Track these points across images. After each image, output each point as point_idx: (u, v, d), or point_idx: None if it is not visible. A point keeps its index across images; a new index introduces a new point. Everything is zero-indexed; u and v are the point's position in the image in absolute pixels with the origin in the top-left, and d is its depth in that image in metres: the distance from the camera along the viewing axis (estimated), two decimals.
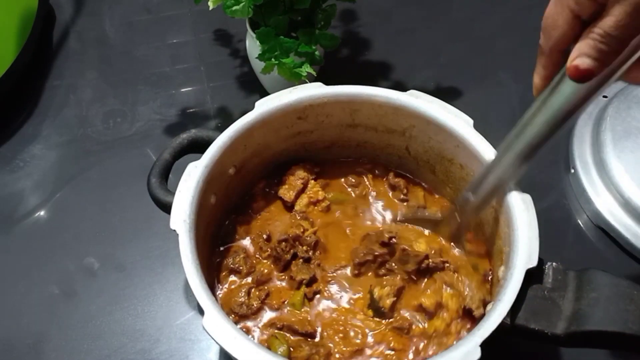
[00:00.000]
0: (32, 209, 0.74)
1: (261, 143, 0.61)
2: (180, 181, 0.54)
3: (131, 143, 0.79)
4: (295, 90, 0.60)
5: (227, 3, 0.66)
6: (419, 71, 0.85)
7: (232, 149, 0.58)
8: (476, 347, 0.44)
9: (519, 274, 0.48)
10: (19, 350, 0.64)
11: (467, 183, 0.60)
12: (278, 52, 0.69)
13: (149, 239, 0.70)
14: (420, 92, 0.59)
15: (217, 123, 0.80)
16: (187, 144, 0.59)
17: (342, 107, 0.61)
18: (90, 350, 0.63)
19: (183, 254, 0.50)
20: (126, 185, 0.74)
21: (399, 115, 0.60)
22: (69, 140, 0.80)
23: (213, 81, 0.85)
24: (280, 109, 0.59)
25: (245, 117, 0.58)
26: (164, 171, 0.57)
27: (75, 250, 0.70)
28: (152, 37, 0.91)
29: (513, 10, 0.92)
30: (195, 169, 0.55)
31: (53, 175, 0.77)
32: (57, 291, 0.67)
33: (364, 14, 0.91)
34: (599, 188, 0.71)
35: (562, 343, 0.48)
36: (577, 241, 0.70)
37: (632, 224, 0.68)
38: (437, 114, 0.58)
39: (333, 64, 0.83)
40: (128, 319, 0.65)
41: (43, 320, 0.65)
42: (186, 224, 0.52)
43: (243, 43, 0.84)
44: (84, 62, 0.89)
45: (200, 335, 0.64)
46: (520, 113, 0.49)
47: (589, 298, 0.47)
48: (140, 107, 0.83)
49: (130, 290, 0.67)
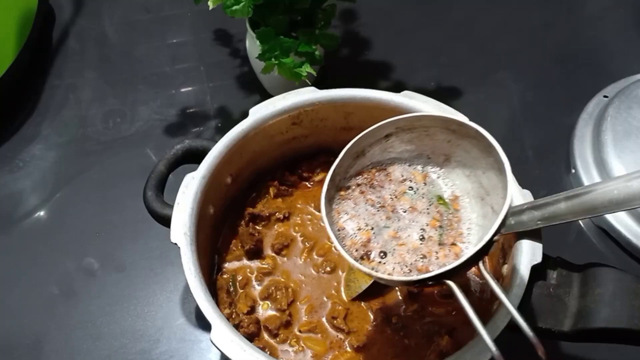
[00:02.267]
0: (31, 209, 0.74)
1: (257, 150, 0.61)
2: (178, 193, 0.54)
3: (131, 143, 0.79)
4: (289, 95, 0.59)
5: (227, 3, 0.66)
6: (419, 71, 0.85)
7: (228, 158, 0.57)
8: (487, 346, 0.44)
9: (524, 271, 0.48)
10: (19, 350, 0.64)
11: None
12: (278, 52, 0.69)
13: (149, 239, 0.69)
14: (414, 92, 0.59)
15: (217, 123, 0.80)
16: (182, 155, 0.58)
17: (336, 110, 0.61)
18: (90, 350, 0.63)
19: (186, 267, 0.50)
20: (126, 185, 0.74)
21: (394, 116, 0.60)
22: (68, 140, 0.80)
23: (213, 81, 0.85)
24: (275, 115, 0.59)
25: (239, 125, 0.58)
26: (160, 183, 0.57)
27: (75, 250, 0.70)
28: (152, 37, 0.90)
29: (513, 10, 0.92)
30: (193, 180, 0.55)
31: (53, 175, 0.77)
32: (57, 291, 0.67)
33: (364, 14, 0.91)
34: None
35: (568, 339, 0.48)
36: (578, 241, 0.70)
37: (633, 224, 0.68)
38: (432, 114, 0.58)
39: (333, 64, 0.83)
40: (128, 320, 0.65)
41: (43, 321, 0.65)
42: (187, 236, 0.51)
43: (243, 43, 0.84)
44: (84, 62, 0.88)
45: (200, 336, 0.64)
46: (520, 113, 0.49)
47: (594, 294, 0.47)
48: (140, 107, 0.83)
49: (130, 290, 0.67)
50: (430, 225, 0.49)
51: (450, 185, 0.51)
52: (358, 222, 0.49)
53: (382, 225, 0.49)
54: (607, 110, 0.73)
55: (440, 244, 0.48)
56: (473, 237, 0.48)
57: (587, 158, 0.73)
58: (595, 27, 0.90)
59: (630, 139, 0.71)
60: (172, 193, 0.55)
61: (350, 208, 0.50)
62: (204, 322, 0.49)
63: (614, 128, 0.72)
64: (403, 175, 0.52)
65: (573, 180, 0.73)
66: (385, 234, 0.49)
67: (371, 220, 0.49)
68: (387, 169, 0.52)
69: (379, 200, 0.50)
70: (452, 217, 0.50)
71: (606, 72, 0.83)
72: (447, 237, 0.49)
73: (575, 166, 0.73)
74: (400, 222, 0.49)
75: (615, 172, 0.69)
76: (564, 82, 0.84)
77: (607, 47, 0.88)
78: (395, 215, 0.50)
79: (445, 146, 0.50)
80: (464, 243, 0.48)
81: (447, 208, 0.51)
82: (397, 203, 0.51)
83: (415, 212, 0.50)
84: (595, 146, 0.72)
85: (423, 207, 0.50)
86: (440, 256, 0.47)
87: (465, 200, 0.51)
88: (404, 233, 0.48)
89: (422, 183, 0.52)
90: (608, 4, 0.94)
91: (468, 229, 0.49)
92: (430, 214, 0.50)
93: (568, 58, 0.87)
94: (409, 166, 0.52)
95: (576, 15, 0.92)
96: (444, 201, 0.51)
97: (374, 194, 0.51)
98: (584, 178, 0.72)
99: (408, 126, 0.50)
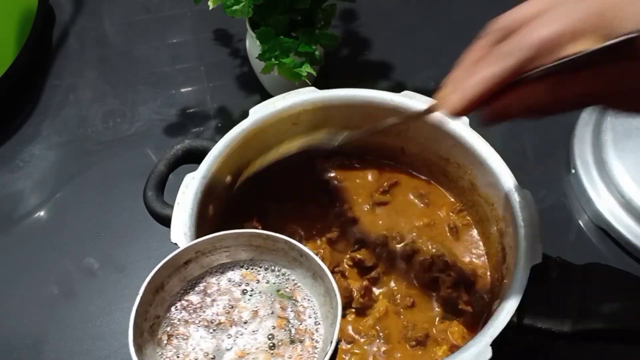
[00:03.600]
0: (31, 209, 0.74)
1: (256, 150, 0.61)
2: (178, 193, 0.54)
3: (131, 143, 0.79)
4: (288, 95, 0.59)
5: (227, 3, 0.66)
6: (419, 71, 0.84)
7: (228, 158, 0.57)
8: (487, 346, 0.44)
9: (524, 271, 0.48)
10: (18, 350, 0.64)
11: (465, 182, 0.60)
12: (278, 52, 0.69)
13: (149, 239, 0.69)
14: (414, 92, 0.59)
15: (217, 123, 0.80)
16: (182, 155, 0.58)
17: (336, 110, 0.61)
18: (90, 350, 0.63)
19: None
20: (126, 185, 0.74)
21: (393, 116, 0.60)
22: (68, 140, 0.80)
23: (213, 81, 0.85)
24: (275, 115, 0.59)
25: (240, 125, 0.58)
26: (160, 183, 0.57)
27: (75, 250, 0.70)
28: (152, 37, 0.90)
29: None
30: (193, 180, 0.55)
31: (53, 175, 0.77)
32: (57, 291, 0.67)
33: (364, 14, 0.91)
34: (600, 188, 0.70)
35: (568, 339, 0.48)
36: (578, 241, 0.70)
37: (633, 225, 0.67)
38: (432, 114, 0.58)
39: (333, 63, 0.83)
40: (128, 319, 0.65)
41: (43, 321, 0.65)
42: (187, 236, 0.51)
43: (243, 43, 0.84)
44: (84, 62, 0.88)
45: None
46: None
47: (594, 294, 0.47)
48: (140, 107, 0.83)
49: (130, 290, 0.67)
50: (277, 327, 0.44)
51: (285, 277, 0.46)
52: (195, 356, 0.42)
53: (225, 347, 0.43)
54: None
55: (292, 343, 0.43)
56: (320, 331, 0.44)
57: (587, 158, 0.73)
58: None
59: (630, 139, 0.71)
60: (172, 193, 0.55)
61: (179, 346, 0.43)
62: None
63: (614, 128, 0.72)
64: (231, 280, 0.46)
65: (573, 181, 0.73)
66: (230, 356, 0.42)
67: (210, 347, 0.43)
68: (206, 285, 0.46)
69: (213, 319, 0.44)
70: (297, 308, 0.45)
71: None
72: (297, 331, 0.44)
73: (575, 166, 0.73)
74: (245, 336, 0.43)
75: (615, 172, 0.69)
76: None
77: None
78: (236, 328, 0.44)
79: (248, 262, 0.46)
80: (315, 334, 0.44)
81: (289, 299, 0.45)
82: (234, 314, 0.44)
83: (257, 318, 0.44)
84: (595, 146, 0.72)
85: (265, 308, 0.44)
86: (295, 357, 0.42)
87: (305, 292, 0.45)
88: (251, 347, 0.43)
89: (254, 282, 0.46)
90: None
91: (316, 321, 0.44)
92: (274, 313, 0.44)
93: None
94: (232, 271, 0.46)
95: None
96: (285, 293, 0.46)
97: (204, 314, 0.44)
98: (584, 178, 0.72)
99: (209, 249, 0.45)
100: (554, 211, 0.72)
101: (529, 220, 0.51)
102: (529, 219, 0.51)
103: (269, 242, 0.44)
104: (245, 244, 0.45)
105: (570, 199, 0.73)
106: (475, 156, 0.56)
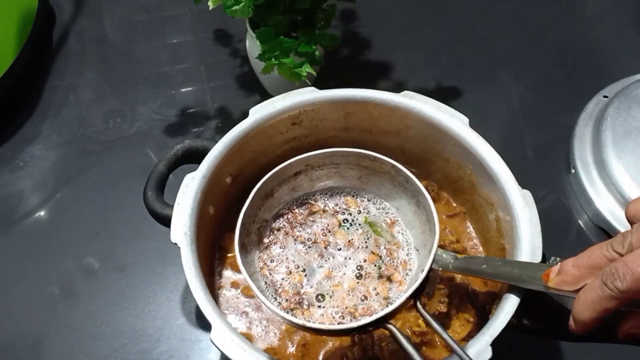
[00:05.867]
0: (32, 209, 0.74)
1: (256, 150, 0.61)
2: (178, 193, 0.54)
3: (131, 143, 0.79)
4: (288, 96, 0.59)
5: (227, 3, 0.66)
6: (419, 71, 0.85)
7: (228, 158, 0.57)
8: (487, 346, 0.45)
9: None
10: (19, 350, 0.64)
11: (465, 182, 0.60)
12: (278, 52, 0.69)
13: (149, 239, 0.70)
14: (414, 92, 0.59)
15: (217, 123, 0.80)
16: (182, 155, 0.58)
17: (336, 110, 0.61)
18: (90, 350, 0.63)
19: (186, 267, 0.50)
20: (126, 185, 0.74)
21: (394, 116, 0.60)
22: (69, 140, 0.80)
23: (213, 81, 0.85)
24: (275, 115, 0.59)
25: (239, 125, 0.58)
26: (160, 183, 0.57)
27: (75, 250, 0.70)
28: (152, 37, 0.90)
29: (513, 10, 0.92)
30: (193, 180, 0.55)
31: (53, 175, 0.77)
32: (57, 291, 0.67)
33: (364, 14, 0.91)
34: (600, 188, 0.71)
35: (568, 339, 0.48)
36: (578, 241, 0.70)
37: None
38: (432, 114, 0.58)
39: (333, 64, 0.83)
40: (128, 319, 0.65)
41: (43, 321, 0.65)
42: (187, 236, 0.51)
43: (243, 43, 0.84)
44: (84, 62, 0.89)
45: (200, 336, 0.64)
46: (519, 113, 0.49)
47: None
48: (140, 107, 0.83)
49: (130, 290, 0.67)
50: (368, 261, 0.46)
51: (385, 211, 0.48)
52: (287, 265, 0.46)
53: (316, 265, 0.46)
54: (607, 110, 0.73)
55: (380, 277, 0.45)
56: (414, 263, 0.46)
57: (587, 158, 0.73)
58: (595, 27, 0.90)
59: (630, 139, 0.71)
60: (172, 193, 0.55)
61: (276, 253, 0.47)
62: (204, 322, 0.50)
63: (613, 128, 0.72)
64: (336, 205, 0.48)
65: (573, 180, 0.74)
66: (319, 275, 0.45)
67: (302, 261, 0.46)
68: (311, 205, 0.48)
69: (311, 237, 0.47)
70: (391, 246, 0.47)
71: (606, 72, 0.83)
72: (387, 267, 0.46)
73: (575, 166, 0.73)
74: (336, 261, 0.46)
75: (615, 172, 0.69)
76: (564, 82, 0.84)
77: (607, 47, 0.88)
78: (330, 251, 0.46)
79: (355, 183, 0.48)
80: (406, 269, 0.46)
81: (384, 236, 0.47)
82: (330, 239, 0.47)
83: (351, 248, 0.46)
84: (595, 146, 0.73)
85: (360, 241, 0.47)
86: (381, 291, 0.44)
87: (402, 226, 0.48)
88: (340, 272, 0.45)
89: (356, 211, 0.48)
90: (608, 4, 0.94)
91: (408, 255, 0.47)
92: (368, 247, 0.46)
93: (568, 58, 0.87)
94: (339, 196, 0.49)
95: (576, 15, 0.92)
96: (381, 229, 0.48)
97: (304, 231, 0.47)
98: (584, 178, 0.72)
99: (319, 163, 0.47)
100: (554, 211, 0.72)
101: (528, 220, 0.51)
102: (529, 219, 0.51)
103: (377, 164, 0.46)
104: (354, 163, 0.47)
105: (570, 199, 0.73)
106: (475, 156, 0.56)
